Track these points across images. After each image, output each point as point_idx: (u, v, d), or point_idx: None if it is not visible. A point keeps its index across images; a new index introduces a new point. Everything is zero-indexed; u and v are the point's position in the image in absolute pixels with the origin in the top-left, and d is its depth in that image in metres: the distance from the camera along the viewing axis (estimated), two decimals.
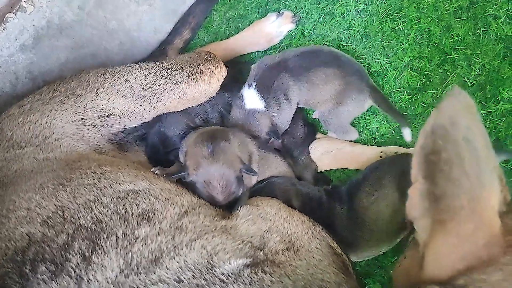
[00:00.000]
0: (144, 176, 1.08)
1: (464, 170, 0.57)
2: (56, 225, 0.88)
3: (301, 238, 0.99)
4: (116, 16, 1.51)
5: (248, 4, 1.66)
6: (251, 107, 1.35)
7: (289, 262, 0.88)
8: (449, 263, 0.57)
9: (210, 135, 1.19)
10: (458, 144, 0.58)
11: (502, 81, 1.24)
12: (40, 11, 1.29)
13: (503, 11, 1.27)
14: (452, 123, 0.59)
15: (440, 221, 0.59)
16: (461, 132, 0.58)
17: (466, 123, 0.59)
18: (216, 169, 1.13)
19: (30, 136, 1.16)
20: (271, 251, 0.90)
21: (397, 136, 1.37)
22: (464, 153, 0.58)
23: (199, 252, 0.84)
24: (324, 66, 1.31)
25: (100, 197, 0.96)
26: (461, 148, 0.58)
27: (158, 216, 0.93)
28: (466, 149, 0.58)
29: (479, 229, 0.56)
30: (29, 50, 1.33)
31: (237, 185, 1.15)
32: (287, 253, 0.91)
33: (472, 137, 0.58)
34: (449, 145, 0.58)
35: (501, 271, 0.53)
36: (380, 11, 1.42)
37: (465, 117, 0.59)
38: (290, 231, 1.00)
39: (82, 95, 1.22)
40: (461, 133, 0.58)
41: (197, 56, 1.36)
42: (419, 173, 0.61)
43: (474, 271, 0.54)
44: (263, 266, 0.84)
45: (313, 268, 0.89)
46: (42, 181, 1.01)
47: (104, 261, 0.81)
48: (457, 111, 0.60)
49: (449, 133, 0.59)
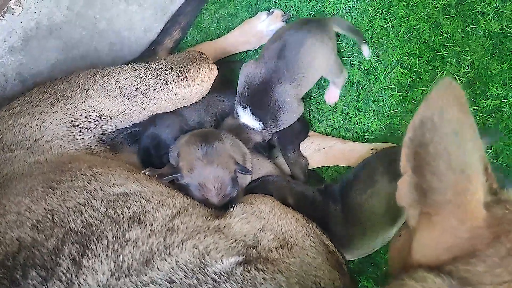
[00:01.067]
0: (135, 178, 1.07)
1: (450, 165, 0.57)
2: (45, 229, 0.87)
3: (295, 235, 0.99)
4: (105, 16, 1.50)
5: (238, 3, 1.66)
6: (246, 123, 1.35)
7: (282, 259, 0.88)
8: (434, 254, 0.58)
9: (202, 136, 1.18)
10: (446, 137, 0.58)
11: (490, 78, 1.25)
12: (28, 13, 1.28)
13: (491, 8, 1.28)
14: (441, 116, 0.58)
15: (427, 214, 0.60)
16: (450, 125, 0.58)
17: (455, 115, 0.58)
18: (211, 171, 1.11)
19: (21, 139, 1.15)
20: (264, 249, 0.90)
21: (388, 133, 1.38)
22: (450, 147, 0.57)
23: (190, 252, 0.84)
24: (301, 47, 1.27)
25: (90, 200, 0.95)
26: (448, 142, 0.57)
27: (149, 218, 0.92)
28: (453, 142, 0.57)
29: (464, 222, 0.56)
30: (18, 52, 1.32)
31: (232, 187, 1.14)
32: (281, 250, 0.91)
33: (460, 129, 0.58)
34: (437, 138, 0.58)
35: (484, 263, 0.53)
36: (370, 9, 1.43)
37: (454, 109, 0.58)
38: (284, 228, 1.00)
39: (72, 96, 1.22)
40: (450, 126, 0.58)
41: (187, 56, 1.36)
42: (407, 165, 0.61)
43: (458, 261, 0.55)
44: (256, 264, 0.84)
45: (307, 266, 0.89)
46: (32, 184, 1.00)
47: (95, 265, 0.80)
48: (446, 103, 0.58)
49: (437, 126, 0.58)
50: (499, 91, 1.24)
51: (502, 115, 1.23)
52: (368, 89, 1.42)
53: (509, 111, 1.22)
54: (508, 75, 1.23)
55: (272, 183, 1.24)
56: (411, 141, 0.61)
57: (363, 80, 1.43)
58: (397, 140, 1.34)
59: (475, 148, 0.58)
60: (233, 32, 1.64)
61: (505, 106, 1.23)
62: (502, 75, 1.24)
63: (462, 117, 0.58)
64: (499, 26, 1.27)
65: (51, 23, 1.36)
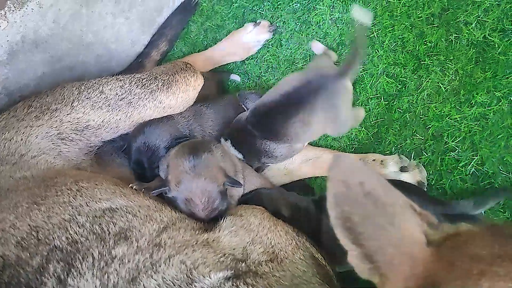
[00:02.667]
0: (122, 192, 1.06)
1: (376, 224, 0.59)
2: (30, 246, 0.86)
3: (285, 248, 0.98)
4: (92, 29, 1.50)
5: (225, 14, 1.67)
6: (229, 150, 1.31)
7: (272, 273, 0.87)
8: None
9: (191, 147, 1.15)
10: (361, 202, 0.61)
11: (475, 86, 1.27)
12: (14, 26, 1.28)
13: (473, 17, 1.30)
14: (347, 186, 0.62)
15: (383, 275, 0.61)
16: (359, 190, 0.61)
17: (359, 179, 0.62)
18: (198, 185, 1.08)
19: (6, 154, 1.14)
20: (254, 263, 0.89)
21: (375, 142, 1.38)
22: (369, 208, 0.60)
23: (178, 267, 0.83)
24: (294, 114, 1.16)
25: (76, 216, 0.94)
26: (365, 205, 0.61)
27: (135, 234, 0.91)
28: (369, 203, 0.61)
29: (416, 267, 0.58)
30: (4, 66, 1.32)
31: (221, 200, 1.11)
32: (271, 264, 0.90)
33: (370, 189, 0.61)
34: (354, 207, 0.61)
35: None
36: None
37: (356, 175, 0.62)
38: (274, 241, 0.99)
39: (58, 109, 1.21)
40: (360, 191, 0.61)
41: (172, 66, 1.36)
42: (347, 242, 0.63)
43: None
44: (245, 278, 0.83)
45: (297, 279, 0.88)
46: (17, 200, 0.99)
47: (80, 284, 0.79)
48: (346, 173, 0.63)
49: (349, 196, 0.62)
50: (484, 99, 1.25)
51: (487, 123, 1.24)
52: (354, 98, 1.42)
53: (494, 118, 1.23)
54: (492, 83, 1.25)
55: (266, 195, 1.22)
56: (337, 219, 0.63)
57: None
58: (384, 149, 1.35)
59: (391, 197, 0.62)
60: (220, 43, 1.64)
61: (489, 113, 1.24)
62: (486, 83, 1.25)
63: (365, 177, 0.63)
64: (482, 35, 1.28)
65: (37, 36, 1.35)
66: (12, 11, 1.26)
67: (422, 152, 1.30)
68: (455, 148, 1.25)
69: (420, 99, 1.33)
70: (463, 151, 1.24)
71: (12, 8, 1.26)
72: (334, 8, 1.50)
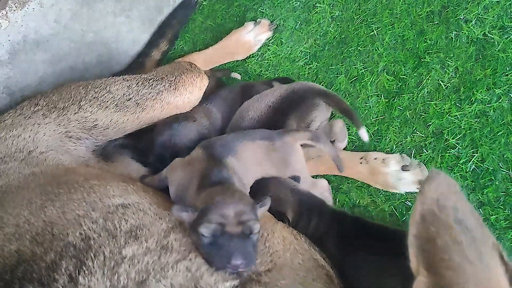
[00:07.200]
0: (133, 189, 1.06)
1: (464, 255, 0.54)
2: (45, 242, 0.86)
3: (283, 256, 0.97)
4: (93, 29, 1.51)
5: (225, 13, 1.68)
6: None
7: (274, 283, 0.87)
8: None
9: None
10: (451, 227, 0.55)
11: (475, 83, 1.27)
12: (15, 26, 1.29)
13: (473, 14, 1.30)
14: (440, 207, 0.56)
15: None
16: (451, 214, 0.56)
17: (453, 204, 0.57)
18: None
19: (14, 150, 1.14)
20: (254, 273, 0.88)
21: (376, 139, 1.38)
22: (459, 237, 0.54)
23: (184, 274, 0.82)
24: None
25: (90, 211, 0.93)
26: (455, 232, 0.55)
27: (145, 233, 0.90)
28: (460, 231, 0.55)
29: None
30: (5, 66, 1.32)
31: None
32: (270, 274, 0.89)
33: (463, 217, 0.56)
34: (442, 230, 0.55)
35: None
36: (355, 17, 1.45)
37: (451, 198, 0.57)
38: (272, 250, 0.98)
39: (65, 108, 1.22)
40: (451, 216, 0.56)
41: (178, 67, 1.37)
42: (419, 265, 0.58)
43: None
44: (252, 287, 0.83)
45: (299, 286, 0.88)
46: (30, 196, 0.99)
47: (91, 283, 0.79)
48: (442, 193, 0.57)
49: (439, 217, 0.56)
50: (484, 96, 1.25)
51: (487, 120, 1.24)
52: (355, 96, 1.43)
53: (494, 115, 1.24)
54: (491, 80, 1.25)
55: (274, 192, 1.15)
56: (416, 238, 0.58)
57: (350, 88, 1.44)
58: (385, 146, 1.35)
59: (484, 235, 0.56)
60: (221, 42, 1.65)
61: (489, 110, 1.24)
62: (486, 80, 1.26)
63: (461, 205, 0.57)
64: (481, 32, 1.29)
65: (38, 36, 1.36)
66: (13, 10, 1.26)
67: (422, 150, 1.30)
68: (455, 145, 1.26)
69: (420, 97, 1.33)
70: (463, 148, 1.25)
71: (13, 8, 1.26)
72: (334, 6, 1.51)
